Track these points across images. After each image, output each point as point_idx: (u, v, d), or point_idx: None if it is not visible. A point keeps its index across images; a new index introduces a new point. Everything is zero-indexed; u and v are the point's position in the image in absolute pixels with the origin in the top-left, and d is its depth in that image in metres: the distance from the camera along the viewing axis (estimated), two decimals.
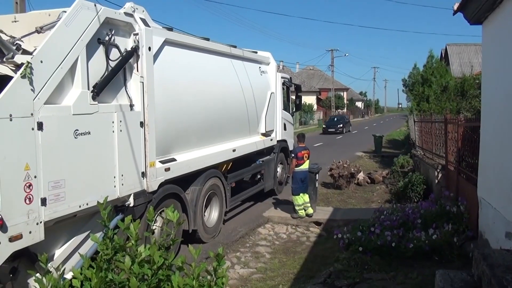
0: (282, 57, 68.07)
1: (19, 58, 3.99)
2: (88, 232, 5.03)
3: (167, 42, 6.18)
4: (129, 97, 5.45)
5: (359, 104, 76.57)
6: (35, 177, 4.08)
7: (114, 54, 5.19)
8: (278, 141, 10.86)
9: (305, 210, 8.99)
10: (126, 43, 5.45)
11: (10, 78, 3.97)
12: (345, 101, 65.17)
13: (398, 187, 10.72)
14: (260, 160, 10.09)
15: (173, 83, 6.35)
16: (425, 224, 6.41)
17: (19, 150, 3.95)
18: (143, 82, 5.59)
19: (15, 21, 5.01)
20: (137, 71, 5.56)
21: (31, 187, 4.05)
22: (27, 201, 4.04)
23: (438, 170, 9.18)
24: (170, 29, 6.62)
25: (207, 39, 7.72)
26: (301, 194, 8.89)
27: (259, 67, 9.97)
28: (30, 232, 4.08)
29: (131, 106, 5.45)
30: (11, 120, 3.84)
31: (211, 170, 7.59)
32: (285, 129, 11.47)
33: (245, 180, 9.63)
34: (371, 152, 20.83)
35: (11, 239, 3.89)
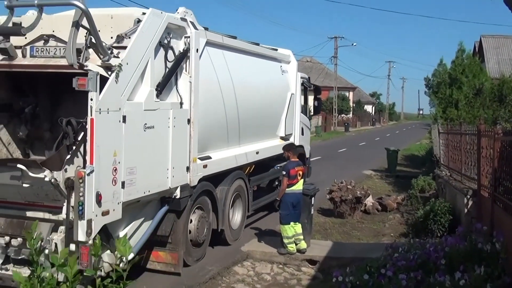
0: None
1: (114, 61, 6.13)
2: (142, 218, 7.15)
3: (207, 43, 8.38)
4: (180, 96, 7.62)
5: (369, 108, 78.09)
6: (119, 162, 6.21)
7: (170, 56, 7.37)
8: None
9: (296, 244, 9.04)
10: (178, 45, 7.64)
11: (102, 77, 6.08)
12: (351, 104, 66.57)
13: (417, 217, 10.98)
14: (278, 165, 12.30)
15: (211, 83, 8.53)
16: (451, 265, 6.42)
17: (111, 138, 6.08)
18: (191, 82, 7.78)
19: None
20: (186, 71, 7.74)
21: (116, 171, 6.18)
22: (113, 183, 6.16)
23: (469, 197, 9.41)
24: (206, 29, 8.82)
25: (234, 37, 9.95)
26: (291, 224, 8.96)
27: (280, 66, 12.24)
28: (113, 210, 6.19)
29: (181, 104, 7.63)
30: (108, 113, 5.98)
31: (237, 171, 9.79)
32: (302, 133, 13.75)
33: (261, 186, 11.81)
34: (383, 170, 21.79)
35: (103, 214, 6.00)
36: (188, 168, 7.84)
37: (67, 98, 8.04)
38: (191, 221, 8.16)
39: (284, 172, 9.15)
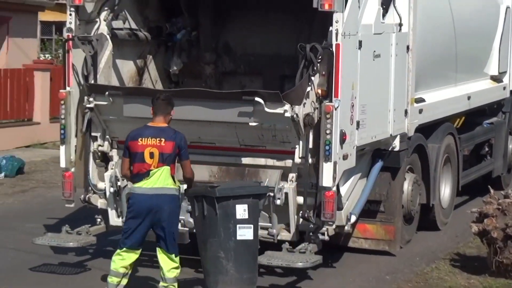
0: None
1: None
2: (359, 174, 11.01)
3: None
4: (398, 15, 11.50)
5: None
6: (355, 98, 10.16)
7: None
8: (511, 91, 16.88)
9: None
10: None
11: None
12: None
13: None
14: (487, 122, 16.14)
15: None
16: None
17: (349, 68, 10.00)
18: None
19: None
20: None
21: (353, 107, 10.12)
22: (350, 122, 10.14)
23: None
24: None
25: None
26: (125, 249, 9.16)
27: None
28: (350, 155, 10.07)
29: (400, 25, 11.52)
30: (349, 37, 9.96)
31: (447, 123, 13.72)
32: None
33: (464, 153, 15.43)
34: None
35: (344, 157, 9.89)
36: (406, 112, 11.77)
37: (234, 20, 12.19)
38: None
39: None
